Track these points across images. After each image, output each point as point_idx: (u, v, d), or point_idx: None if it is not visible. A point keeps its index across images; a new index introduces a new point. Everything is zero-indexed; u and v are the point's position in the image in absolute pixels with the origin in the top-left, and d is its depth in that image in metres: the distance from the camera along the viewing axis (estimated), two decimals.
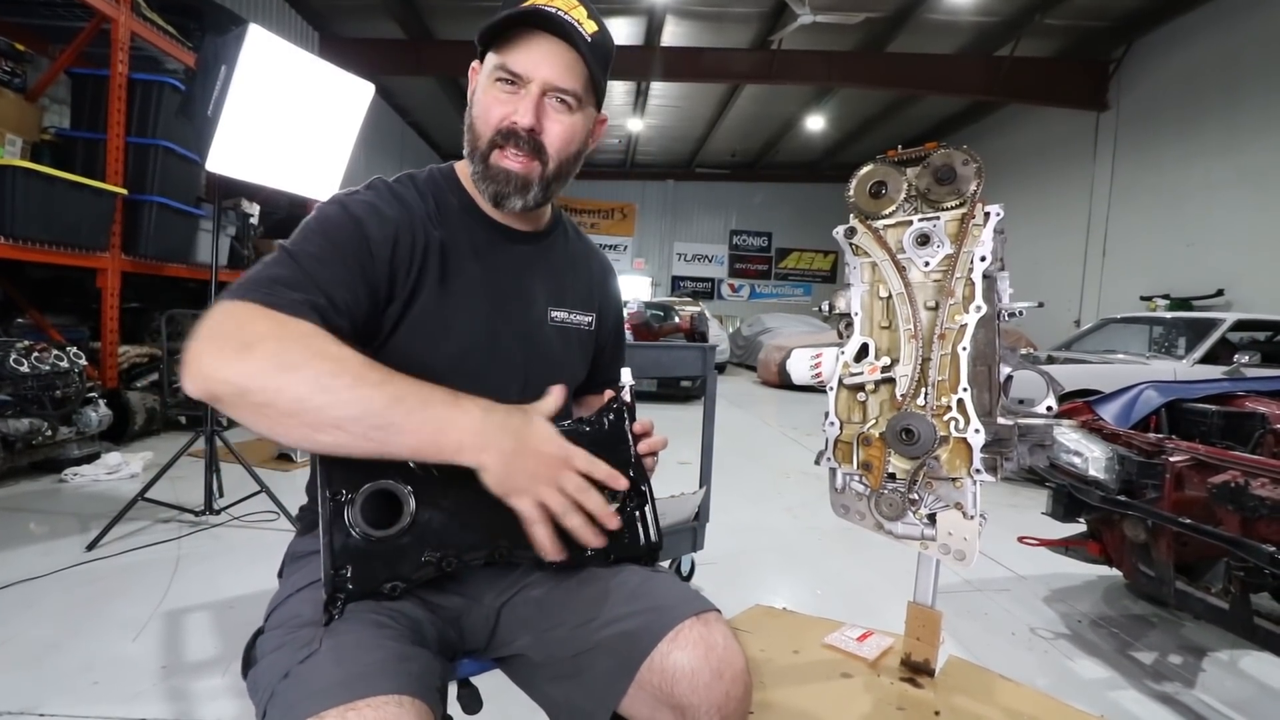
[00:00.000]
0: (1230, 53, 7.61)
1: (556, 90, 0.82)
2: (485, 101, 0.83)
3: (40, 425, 3.05)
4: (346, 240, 0.75)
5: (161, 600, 2.00)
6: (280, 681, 0.62)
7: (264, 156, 2.75)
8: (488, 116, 0.83)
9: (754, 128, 13.81)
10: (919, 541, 1.02)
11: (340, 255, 0.74)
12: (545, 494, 0.68)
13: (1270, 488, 1.53)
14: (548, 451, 0.69)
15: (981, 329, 0.96)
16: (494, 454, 0.66)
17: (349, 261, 0.74)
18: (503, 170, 0.84)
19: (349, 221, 0.77)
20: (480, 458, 0.65)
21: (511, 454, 0.67)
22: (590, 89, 0.85)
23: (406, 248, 0.80)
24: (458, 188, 0.91)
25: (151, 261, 4.09)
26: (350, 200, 0.81)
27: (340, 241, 0.75)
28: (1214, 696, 1.77)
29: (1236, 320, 4.73)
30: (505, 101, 0.82)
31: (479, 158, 0.85)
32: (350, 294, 0.73)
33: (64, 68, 3.92)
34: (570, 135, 0.85)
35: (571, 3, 0.81)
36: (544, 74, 0.81)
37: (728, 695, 0.70)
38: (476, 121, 0.85)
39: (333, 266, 0.72)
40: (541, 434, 0.70)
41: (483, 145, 0.84)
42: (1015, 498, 3.73)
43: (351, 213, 0.78)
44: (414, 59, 9.67)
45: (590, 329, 1.00)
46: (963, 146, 0.99)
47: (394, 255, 0.78)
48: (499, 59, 0.82)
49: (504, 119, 0.82)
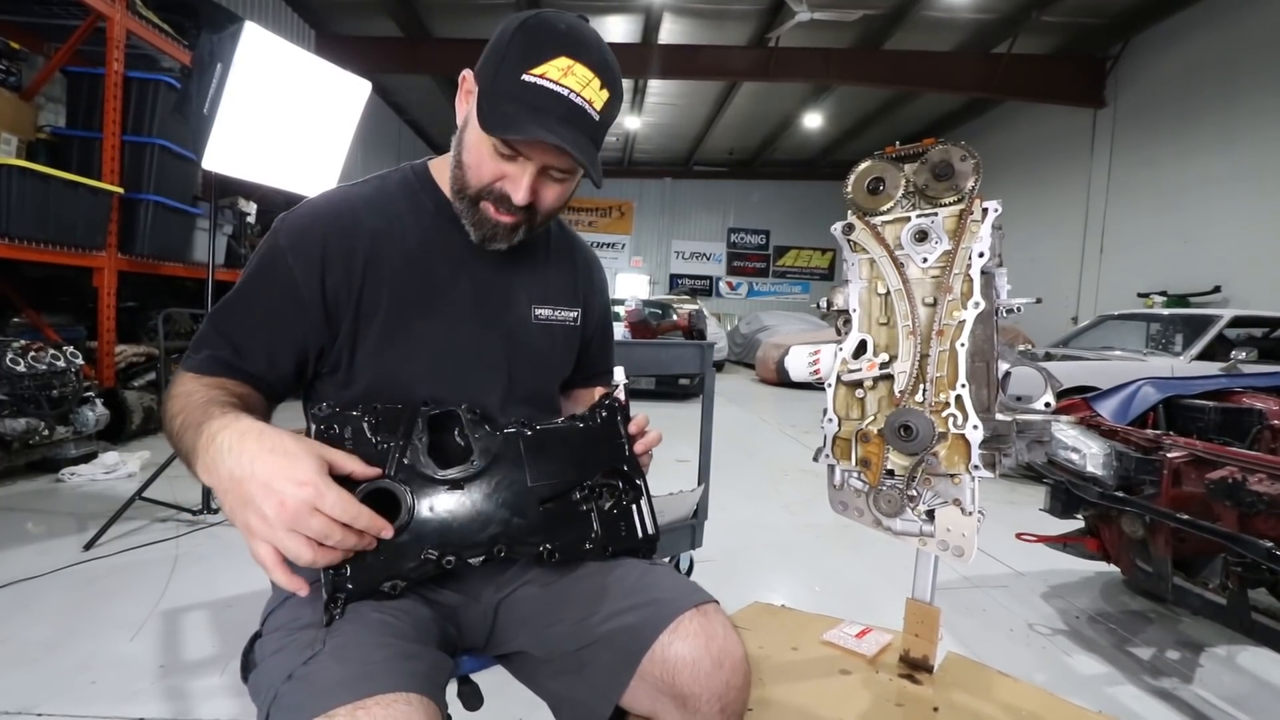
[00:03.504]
0: (1226, 50, 7.62)
1: (554, 168, 0.80)
2: (478, 154, 0.79)
3: (37, 425, 3.03)
4: (266, 286, 0.80)
5: (159, 600, 1.99)
6: (284, 683, 0.62)
7: (260, 155, 2.74)
8: (479, 171, 0.80)
9: (752, 125, 13.80)
10: (917, 538, 1.02)
11: (251, 304, 0.80)
12: (279, 539, 0.59)
13: (1267, 483, 1.54)
14: (278, 489, 0.59)
15: (979, 325, 0.95)
16: (228, 503, 0.61)
17: (261, 310, 0.80)
18: (491, 220, 0.82)
19: (271, 263, 0.80)
20: (223, 502, 0.62)
21: (239, 506, 0.60)
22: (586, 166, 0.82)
23: (341, 272, 0.80)
24: (432, 188, 0.90)
25: (148, 260, 4.08)
26: (285, 229, 0.82)
27: (259, 288, 0.80)
28: (1211, 692, 1.78)
29: (1233, 316, 4.74)
30: (500, 163, 0.79)
31: (467, 200, 0.83)
32: (260, 336, 0.79)
33: (59, 66, 3.90)
34: (563, 196, 0.85)
35: (586, 77, 0.75)
36: (548, 159, 0.79)
37: (728, 684, 0.70)
38: (468, 170, 0.81)
39: (240, 315, 0.80)
40: (280, 472, 0.59)
41: (471, 193, 0.82)
42: (1013, 494, 3.74)
43: (278, 250, 0.80)
44: (411, 57, 9.65)
45: (575, 324, 0.99)
46: (960, 143, 0.99)
47: (324, 282, 0.80)
48: None
49: (496, 180, 0.80)
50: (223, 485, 0.61)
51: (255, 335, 0.79)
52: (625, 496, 0.83)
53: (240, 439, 0.61)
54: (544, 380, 0.95)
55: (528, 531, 0.77)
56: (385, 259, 0.83)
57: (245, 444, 0.61)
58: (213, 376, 0.76)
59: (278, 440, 0.61)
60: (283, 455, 0.60)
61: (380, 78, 9.08)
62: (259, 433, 0.62)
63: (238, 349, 0.77)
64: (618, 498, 0.83)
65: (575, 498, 0.80)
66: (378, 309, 0.82)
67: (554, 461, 0.79)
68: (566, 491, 0.80)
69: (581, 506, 0.81)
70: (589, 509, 0.81)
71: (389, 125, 12.92)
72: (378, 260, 0.82)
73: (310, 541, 0.59)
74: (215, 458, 0.61)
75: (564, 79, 0.74)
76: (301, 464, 0.60)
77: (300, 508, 0.58)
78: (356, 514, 0.61)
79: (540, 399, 0.94)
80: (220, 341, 0.78)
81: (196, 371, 0.76)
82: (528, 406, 0.90)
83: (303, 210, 0.84)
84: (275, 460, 0.59)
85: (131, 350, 4.16)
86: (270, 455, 0.60)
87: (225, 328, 0.79)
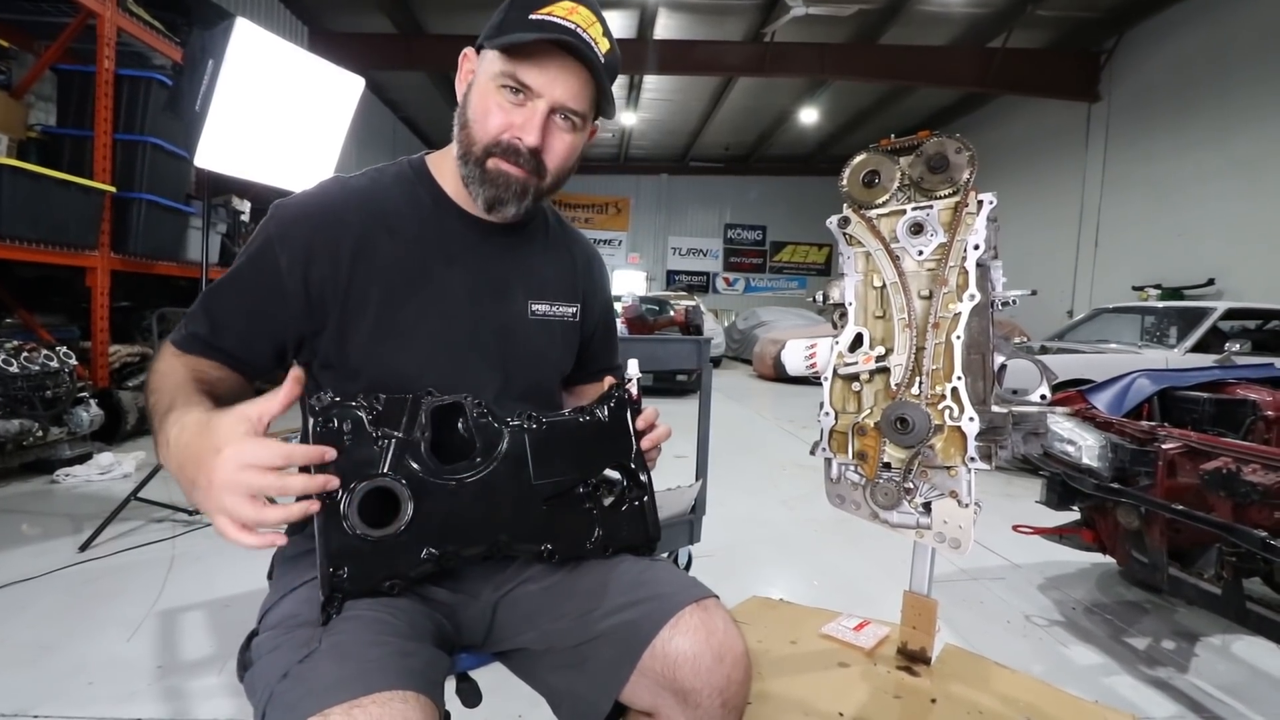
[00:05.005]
0: (1220, 44, 7.63)
1: (565, 110, 0.80)
2: (485, 105, 0.80)
3: (31, 426, 3.02)
4: (253, 272, 0.81)
5: (156, 600, 1.99)
6: (279, 682, 0.62)
7: (253, 152, 2.72)
8: (486, 123, 0.80)
9: (748, 121, 13.78)
10: (914, 530, 1.02)
11: (238, 288, 0.82)
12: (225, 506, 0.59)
13: (1261, 473, 1.55)
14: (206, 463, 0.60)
15: (975, 317, 0.96)
16: (184, 490, 0.63)
17: (245, 295, 0.81)
18: (502, 173, 0.82)
19: (260, 251, 0.81)
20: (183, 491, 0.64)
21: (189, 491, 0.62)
22: (595, 109, 0.84)
23: (327, 264, 0.80)
24: (429, 181, 0.89)
25: (141, 260, 4.05)
26: (276, 218, 0.83)
27: (246, 273, 0.82)
28: (1207, 681, 1.79)
29: (1227, 309, 4.76)
30: (508, 111, 0.79)
31: (473, 161, 0.82)
32: (240, 321, 0.81)
33: (49, 64, 3.87)
34: (570, 153, 0.85)
35: (590, 19, 0.78)
36: (557, 94, 0.78)
37: (729, 679, 0.70)
38: (473, 125, 0.81)
39: (226, 296, 0.82)
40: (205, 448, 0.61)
41: (478, 150, 0.81)
42: (1010, 487, 3.75)
43: (268, 239, 0.81)
44: (405, 53, 9.59)
45: (574, 320, 0.98)
46: (955, 135, 0.98)
47: (309, 274, 0.80)
48: (509, 66, 0.78)
49: (505, 130, 0.80)
50: (175, 476, 0.64)
51: (236, 318, 0.81)
52: (629, 494, 0.82)
53: (182, 430, 0.64)
54: (541, 376, 0.95)
55: (529, 530, 0.76)
56: (376, 251, 0.83)
57: (185, 434, 0.64)
58: (190, 355, 0.79)
59: (205, 420, 0.64)
60: (206, 432, 0.62)
61: (374, 74, 9.03)
62: (198, 422, 0.64)
63: (215, 329, 0.80)
64: (621, 495, 0.82)
65: (578, 494, 0.79)
66: (368, 301, 0.82)
67: (558, 457, 0.78)
68: (570, 489, 0.79)
69: (584, 504, 0.80)
70: (591, 507, 0.80)
71: (383, 122, 12.86)
72: (367, 253, 0.82)
73: (255, 500, 0.59)
74: (167, 449, 0.65)
75: (570, 16, 0.77)
76: (218, 433, 0.61)
77: (228, 471, 0.58)
78: (288, 453, 0.61)
79: (538, 395, 0.93)
80: (204, 320, 0.81)
81: (178, 347, 0.80)
82: (525, 403, 0.89)
83: (294, 200, 0.84)
84: (201, 439, 0.62)
85: (125, 350, 4.13)
86: (198, 437, 0.62)
87: (211, 306, 0.82)
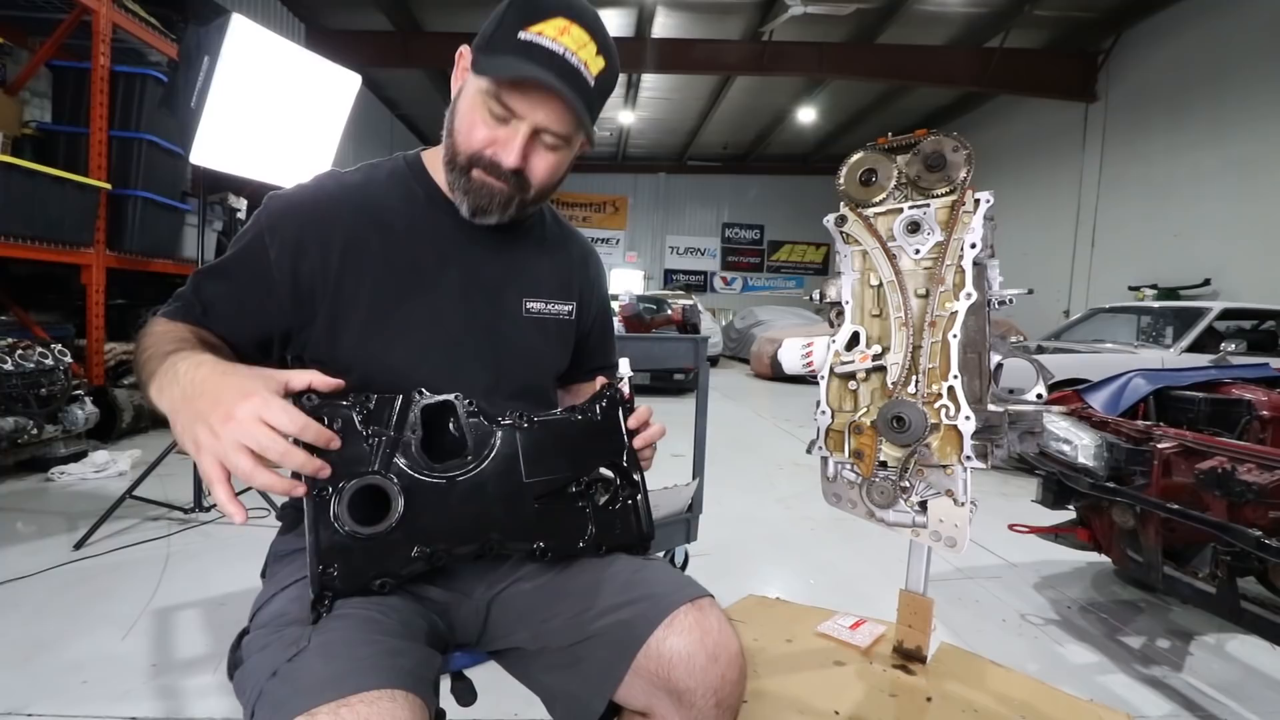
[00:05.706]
0: (1217, 44, 7.65)
1: (547, 131, 0.79)
2: (470, 119, 0.79)
3: (25, 424, 3.00)
4: (244, 260, 0.82)
5: (151, 598, 1.98)
6: (268, 681, 0.61)
7: (249, 149, 2.71)
8: (470, 137, 0.80)
9: (746, 120, 13.78)
10: (910, 529, 1.02)
11: (228, 274, 0.82)
12: (225, 453, 0.58)
13: (1256, 473, 1.55)
14: (226, 401, 0.59)
15: (972, 316, 0.96)
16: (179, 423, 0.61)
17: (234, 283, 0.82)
18: (485, 185, 0.81)
19: (251, 240, 0.82)
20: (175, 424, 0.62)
21: (190, 423, 0.60)
22: (581, 128, 0.81)
23: (317, 258, 0.81)
24: (424, 177, 0.89)
25: (137, 257, 4.04)
26: (269, 209, 0.83)
27: (237, 261, 0.82)
28: (1201, 679, 1.80)
29: (1223, 309, 4.78)
30: (491, 126, 0.79)
31: (458, 170, 0.82)
32: (228, 306, 0.81)
33: (44, 60, 3.85)
34: (555, 170, 0.84)
35: (582, 40, 0.76)
36: (538, 118, 0.78)
37: (723, 678, 0.70)
38: (458, 136, 0.81)
39: (216, 281, 0.82)
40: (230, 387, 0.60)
41: (462, 160, 0.81)
42: (1006, 486, 3.76)
43: (260, 229, 0.82)
44: (402, 51, 9.58)
45: (570, 318, 0.98)
46: (953, 133, 0.98)
47: (297, 267, 0.80)
48: (493, 88, 0.77)
49: (488, 146, 0.79)
50: (175, 405, 0.62)
51: (223, 304, 0.81)
52: (622, 493, 0.82)
53: (196, 366, 0.64)
54: (535, 375, 0.94)
55: (522, 529, 0.76)
56: (368, 246, 0.82)
57: (200, 370, 0.63)
58: (184, 323, 0.79)
59: (231, 366, 0.64)
60: (234, 374, 0.62)
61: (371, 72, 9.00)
62: (215, 361, 0.64)
63: (207, 310, 0.80)
64: (614, 494, 0.82)
65: (571, 493, 0.79)
66: (359, 296, 0.81)
67: (551, 456, 0.78)
68: (562, 487, 0.79)
69: (577, 503, 0.80)
70: (584, 505, 0.80)
71: (380, 120, 12.83)
72: (358, 247, 0.82)
73: (255, 457, 0.58)
74: (170, 381, 0.64)
75: (560, 37, 0.75)
76: (250, 381, 0.61)
77: (246, 418, 0.58)
78: (304, 425, 0.62)
79: (530, 394, 0.92)
80: (194, 300, 0.81)
81: (170, 317, 0.79)
82: (517, 401, 0.88)
83: (287, 193, 0.84)
84: (226, 379, 0.62)
85: (121, 348, 4.12)
86: (221, 376, 0.62)
87: (201, 287, 0.82)
